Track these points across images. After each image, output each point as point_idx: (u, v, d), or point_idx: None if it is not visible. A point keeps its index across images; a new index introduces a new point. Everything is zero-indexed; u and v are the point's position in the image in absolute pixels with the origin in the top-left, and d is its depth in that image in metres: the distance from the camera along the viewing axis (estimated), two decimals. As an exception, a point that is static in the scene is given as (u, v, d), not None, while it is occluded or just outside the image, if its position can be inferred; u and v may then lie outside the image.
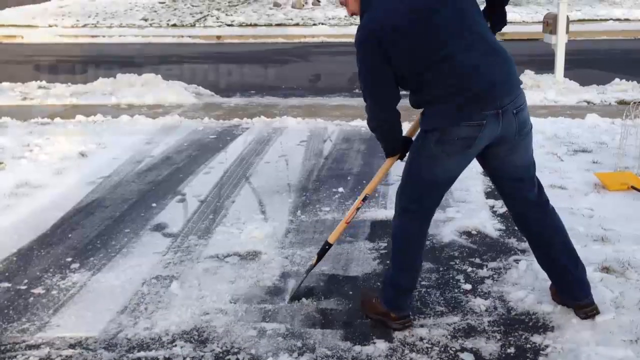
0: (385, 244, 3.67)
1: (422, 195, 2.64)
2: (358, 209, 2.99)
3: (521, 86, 2.58)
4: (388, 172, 3.05)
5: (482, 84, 2.44)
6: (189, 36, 14.26)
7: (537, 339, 2.67)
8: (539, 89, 7.61)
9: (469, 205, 4.21)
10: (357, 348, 2.64)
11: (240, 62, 11.17)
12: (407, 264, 2.73)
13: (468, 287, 3.12)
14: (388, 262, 3.42)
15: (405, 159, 2.75)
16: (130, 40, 14.06)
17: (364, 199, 2.98)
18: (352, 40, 2.63)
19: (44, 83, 8.91)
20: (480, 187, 4.57)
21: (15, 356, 2.59)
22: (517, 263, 3.33)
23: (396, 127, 2.70)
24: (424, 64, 2.46)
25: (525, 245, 3.57)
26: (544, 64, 8.33)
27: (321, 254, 3.05)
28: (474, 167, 4.96)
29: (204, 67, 10.90)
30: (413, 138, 2.74)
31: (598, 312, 2.72)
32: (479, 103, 2.44)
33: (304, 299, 3.04)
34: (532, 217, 2.72)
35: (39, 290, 3.16)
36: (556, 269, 2.75)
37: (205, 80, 9.19)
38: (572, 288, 2.75)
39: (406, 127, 2.84)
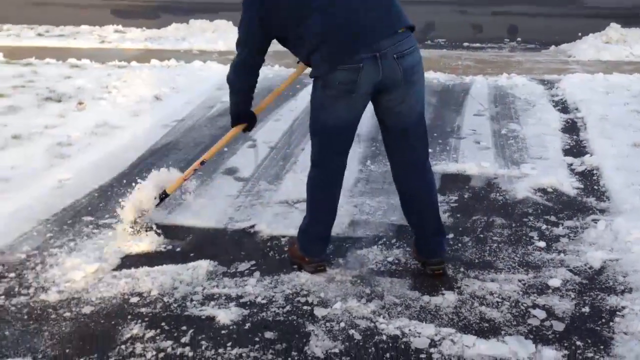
0: (456, 197, 3.62)
1: (324, 144, 2.71)
2: (195, 170, 3.28)
3: (408, 32, 2.54)
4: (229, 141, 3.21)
5: (352, 28, 2.47)
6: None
7: (613, 299, 2.59)
8: (625, 44, 7.20)
9: (546, 162, 4.08)
10: (426, 298, 2.64)
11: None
12: (318, 213, 2.82)
13: (542, 244, 3.05)
14: (458, 214, 3.39)
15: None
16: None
17: (202, 163, 3.23)
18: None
19: (120, 27, 9.12)
20: (559, 144, 4.41)
21: (97, 285, 2.74)
22: (596, 223, 3.22)
23: (249, 92, 2.82)
24: (297, 17, 2.53)
25: (604, 205, 3.45)
26: (632, 18, 7.83)
27: (158, 203, 3.26)
28: (552, 124, 4.83)
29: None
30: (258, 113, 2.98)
31: (444, 272, 2.80)
32: (349, 47, 2.47)
33: (374, 247, 3.05)
34: (412, 173, 2.74)
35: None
36: (422, 226, 2.81)
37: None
38: (429, 246, 2.81)
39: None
